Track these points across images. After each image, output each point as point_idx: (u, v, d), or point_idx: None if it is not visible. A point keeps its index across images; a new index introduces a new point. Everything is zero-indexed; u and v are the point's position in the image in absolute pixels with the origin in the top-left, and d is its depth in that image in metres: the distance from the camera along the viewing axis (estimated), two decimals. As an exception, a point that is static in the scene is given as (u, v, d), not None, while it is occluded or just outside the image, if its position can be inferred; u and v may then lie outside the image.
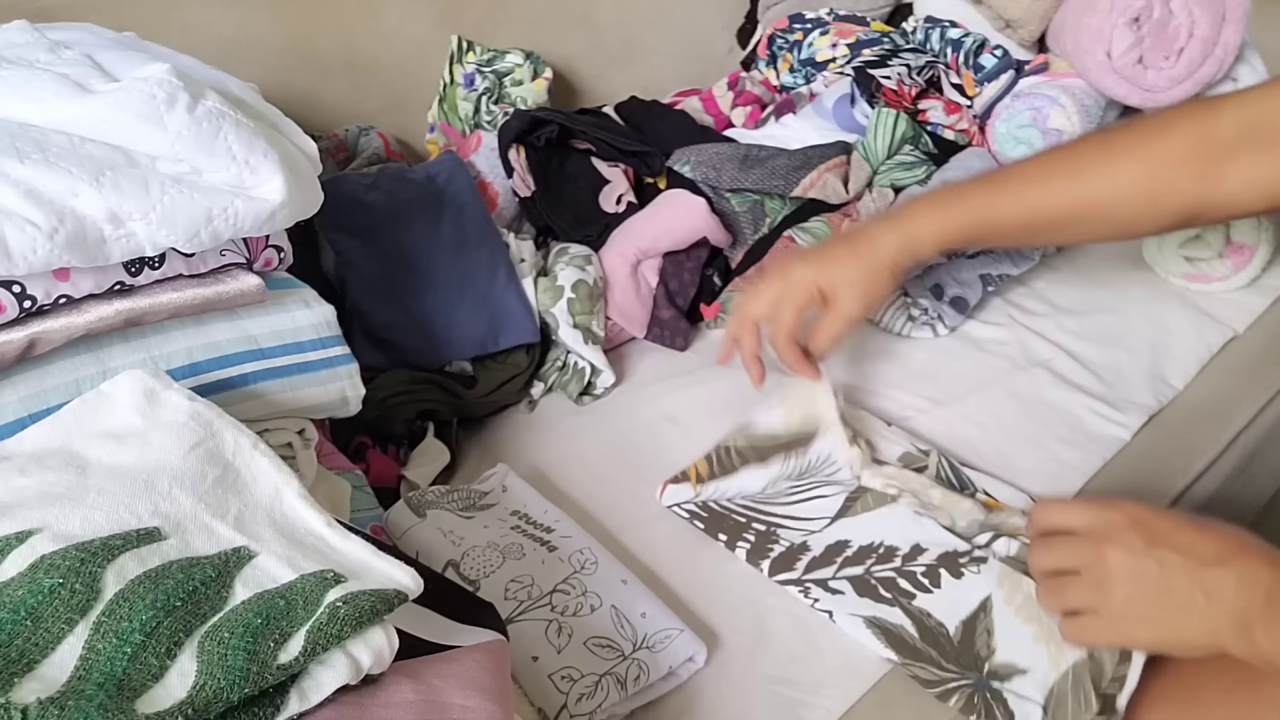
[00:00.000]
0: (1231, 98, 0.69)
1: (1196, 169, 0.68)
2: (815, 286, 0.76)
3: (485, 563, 0.69)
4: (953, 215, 0.75)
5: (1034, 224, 0.74)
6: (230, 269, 0.62)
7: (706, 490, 0.78)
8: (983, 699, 0.61)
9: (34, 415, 0.52)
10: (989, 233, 0.76)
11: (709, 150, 1.05)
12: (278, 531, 0.46)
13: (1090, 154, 0.73)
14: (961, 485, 0.77)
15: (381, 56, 1.18)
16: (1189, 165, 0.68)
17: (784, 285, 0.77)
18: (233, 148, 0.56)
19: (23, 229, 0.49)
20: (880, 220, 0.77)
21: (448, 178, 1.00)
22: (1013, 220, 0.74)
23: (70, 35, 0.64)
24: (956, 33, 1.17)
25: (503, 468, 0.81)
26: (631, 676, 0.61)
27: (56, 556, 0.40)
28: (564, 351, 0.93)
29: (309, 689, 0.40)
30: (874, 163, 1.04)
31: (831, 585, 0.69)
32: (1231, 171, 0.67)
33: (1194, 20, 0.98)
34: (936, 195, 0.77)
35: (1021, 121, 1.04)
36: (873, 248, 0.75)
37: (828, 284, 0.75)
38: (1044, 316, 0.98)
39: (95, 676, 0.37)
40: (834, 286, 0.75)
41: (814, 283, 0.75)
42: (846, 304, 0.75)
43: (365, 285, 0.89)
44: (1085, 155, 0.73)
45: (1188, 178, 0.68)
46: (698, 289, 1.01)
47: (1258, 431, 0.86)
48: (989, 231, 0.76)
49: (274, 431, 0.64)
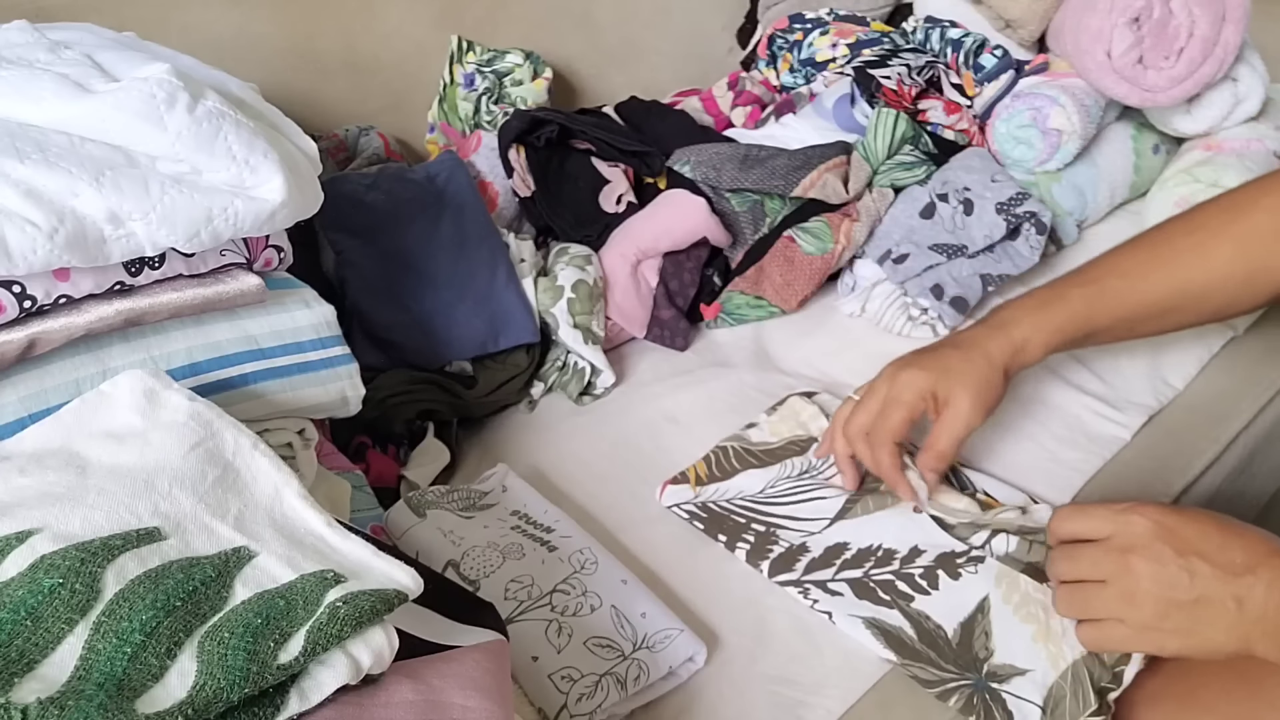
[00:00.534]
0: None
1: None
2: (930, 392, 0.72)
3: (485, 563, 0.69)
4: (1056, 321, 0.73)
5: (1135, 318, 0.73)
6: (230, 269, 0.62)
7: (706, 491, 0.78)
8: (982, 699, 0.61)
9: (34, 415, 0.52)
10: (1092, 331, 0.74)
11: (709, 150, 1.05)
12: (278, 531, 0.46)
13: (1180, 239, 0.72)
14: (961, 485, 0.77)
15: (381, 56, 1.18)
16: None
17: (892, 389, 0.73)
18: (233, 148, 0.56)
19: (23, 229, 0.49)
20: (984, 328, 0.75)
21: (448, 178, 1.00)
22: (1114, 317, 0.73)
23: (70, 35, 0.64)
24: (956, 33, 1.17)
25: (503, 468, 0.81)
26: (631, 676, 0.61)
27: (56, 556, 0.40)
28: (564, 351, 0.93)
29: (309, 689, 0.40)
30: (874, 163, 1.04)
31: (830, 587, 0.69)
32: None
33: (1194, 20, 0.98)
34: (1035, 298, 0.75)
35: (1021, 121, 1.04)
36: (985, 354, 0.72)
37: (944, 390, 0.72)
38: (1044, 316, 0.98)
39: (95, 676, 0.37)
40: (950, 391, 0.72)
41: (929, 389, 0.72)
42: (966, 407, 0.71)
43: (365, 285, 0.89)
44: (1176, 241, 0.72)
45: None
46: (698, 289, 1.01)
47: (1258, 431, 0.86)
48: (1092, 330, 0.74)
49: (274, 431, 0.64)
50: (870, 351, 0.95)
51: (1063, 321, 0.73)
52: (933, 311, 0.95)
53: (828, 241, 0.99)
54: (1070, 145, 1.03)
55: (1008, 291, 1.01)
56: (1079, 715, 0.60)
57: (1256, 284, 0.70)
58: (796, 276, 0.99)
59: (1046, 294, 0.75)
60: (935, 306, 0.95)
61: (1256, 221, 0.69)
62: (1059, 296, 0.74)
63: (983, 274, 0.97)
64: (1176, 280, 0.71)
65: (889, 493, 0.75)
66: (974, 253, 0.97)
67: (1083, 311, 0.73)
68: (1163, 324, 0.75)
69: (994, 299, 1.00)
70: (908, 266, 0.97)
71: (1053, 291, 0.75)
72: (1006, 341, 0.73)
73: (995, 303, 0.99)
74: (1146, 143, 1.11)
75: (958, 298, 0.95)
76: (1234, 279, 0.70)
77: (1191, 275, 0.71)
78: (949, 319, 0.95)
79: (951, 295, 0.95)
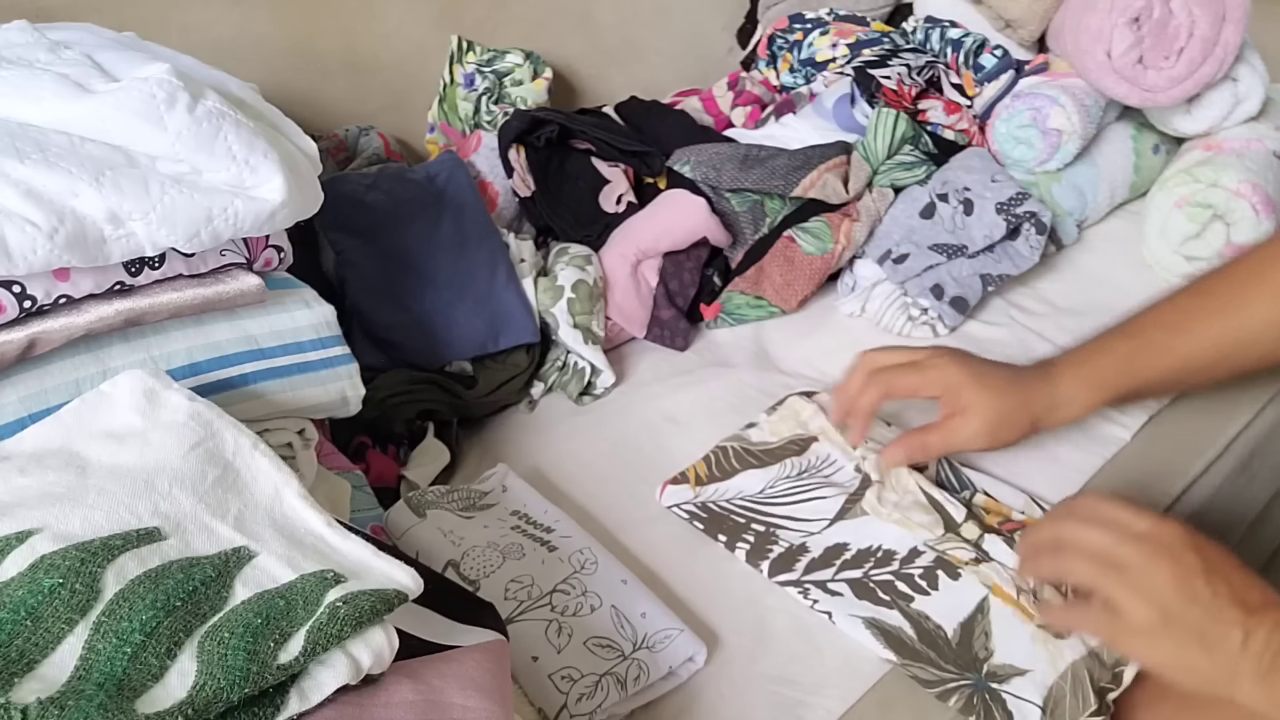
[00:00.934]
0: None
1: None
2: (955, 391, 0.72)
3: (485, 563, 0.69)
4: (1100, 377, 0.73)
5: (1181, 372, 0.73)
6: (230, 269, 0.62)
7: (706, 491, 0.78)
8: (982, 699, 0.61)
9: (34, 415, 0.52)
10: (1138, 386, 0.73)
11: (709, 150, 1.05)
12: (278, 531, 0.46)
13: (1220, 290, 0.72)
14: (961, 485, 0.77)
15: (381, 56, 1.18)
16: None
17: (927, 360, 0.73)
18: (233, 148, 0.56)
19: (23, 229, 0.49)
20: (1035, 373, 0.74)
21: (448, 178, 1.00)
22: (1160, 370, 0.73)
23: (70, 35, 0.64)
24: (956, 33, 1.17)
25: (503, 468, 0.81)
26: (631, 676, 0.61)
27: (56, 556, 0.40)
28: (564, 351, 0.93)
29: (309, 689, 0.40)
30: (874, 163, 1.04)
31: (830, 587, 0.69)
32: None
33: (1194, 20, 0.98)
34: (1082, 352, 0.74)
35: (1021, 121, 1.04)
36: (1025, 395, 0.72)
37: (968, 400, 0.71)
38: (1044, 316, 0.98)
39: (95, 676, 0.37)
40: (972, 405, 0.71)
41: (956, 386, 0.72)
42: (975, 429, 0.71)
43: (365, 285, 0.89)
44: (1216, 292, 0.72)
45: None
46: (698, 289, 1.01)
47: (1258, 431, 0.86)
48: (1138, 384, 0.73)
49: (274, 431, 0.64)
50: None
51: (1106, 377, 0.73)
52: (933, 311, 0.95)
53: (828, 241, 0.99)
54: (1070, 145, 1.03)
55: (1007, 291, 1.01)
56: (1079, 715, 0.60)
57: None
58: (796, 276, 0.99)
59: (1090, 349, 0.74)
60: (935, 306, 0.95)
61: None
62: (1102, 351, 0.73)
63: (983, 274, 0.97)
64: (1217, 333, 0.71)
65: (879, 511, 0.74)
66: (974, 253, 0.97)
67: (1126, 367, 0.72)
68: (1209, 376, 0.74)
69: (994, 298, 1.00)
70: (908, 266, 0.97)
71: (1096, 347, 0.74)
72: (1049, 393, 0.73)
73: (995, 303, 1.00)
74: (1146, 143, 1.11)
75: (958, 298, 0.95)
76: (1273, 328, 0.69)
77: (1232, 327, 0.70)
78: (949, 319, 0.95)
79: (951, 295, 0.95)
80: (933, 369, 0.73)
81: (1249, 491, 0.92)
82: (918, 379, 0.73)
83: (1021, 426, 0.72)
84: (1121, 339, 0.74)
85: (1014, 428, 0.72)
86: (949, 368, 0.73)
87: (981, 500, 0.76)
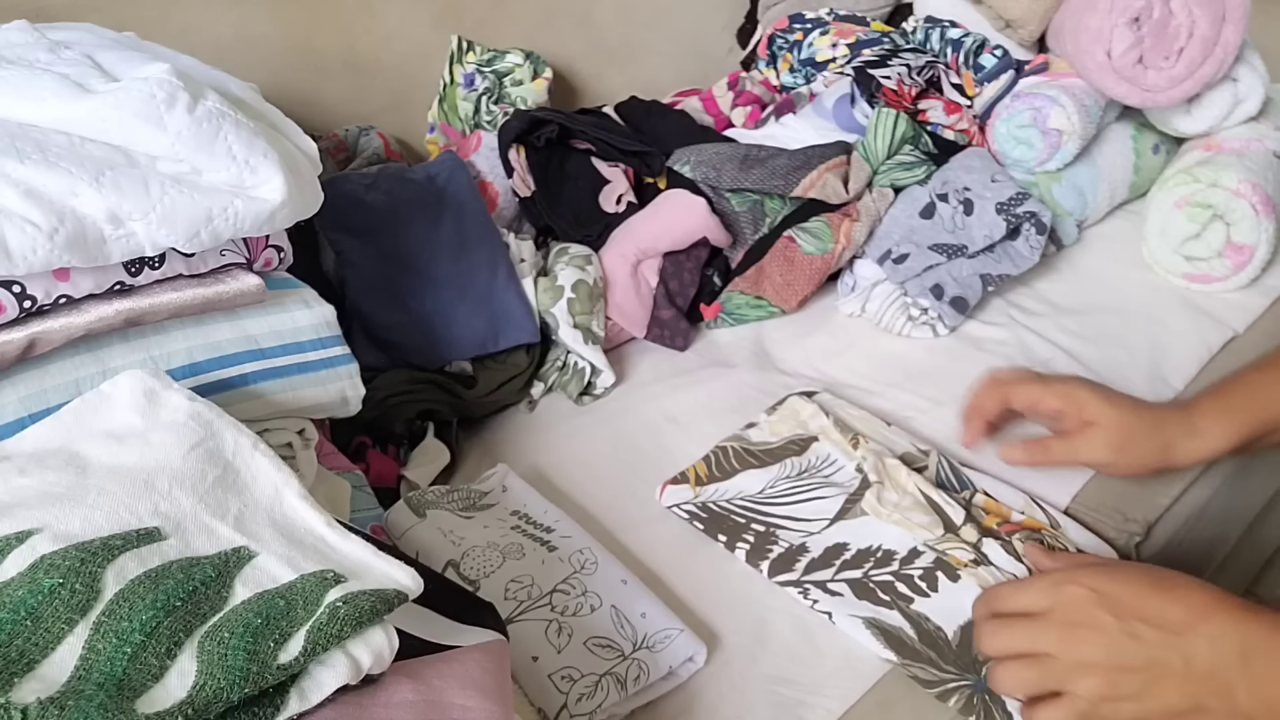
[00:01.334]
0: None
1: None
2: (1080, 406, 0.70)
3: (485, 563, 0.69)
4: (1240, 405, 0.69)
5: None
6: (230, 269, 0.62)
7: (706, 491, 0.78)
8: (982, 700, 0.61)
9: (34, 415, 0.52)
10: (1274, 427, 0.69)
11: (709, 150, 1.05)
12: (278, 531, 0.46)
13: None
14: (961, 485, 0.77)
15: (381, 56, 1.18)
16: None
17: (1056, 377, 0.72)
18: (233, 148, 0.56)
19: (23, 229, 0.49)
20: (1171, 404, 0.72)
21: (448, 178, 1.00)
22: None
23: (70, 35, 0.64)
24: (956, 33, 1.17)
25: (503, 468, 0.81)
26: (631, 676, 0.61)
27: (56, 556, 0.40)
28: (564, 351, 0.93)
29: (309, 689, 0.40)
30: (874, 163, 1.04)
31: (830, 587, 0.69)
32: None
33: (1194, 20, 0.98)
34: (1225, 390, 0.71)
35: (1021, 121, 1.04)
36: (1158, 420, 0.70)
37: (1094, 413, 0.69)
38: (1044, 316, 0.98)
39: (95, 676, 0.37)
40: (1098, 419, 0.69)
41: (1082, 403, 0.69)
42: (1101, 442, 0.69)
43: (365, 285, 0.89)
44: None
45: None
46: (698, 289, 1.01)
47: (1258, 431, 0.86)
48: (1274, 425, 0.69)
49: (274, 431, 0.64)
50: (870, 351, 0.95)
51: (1244, 404, 0.69)
52: (933, 311, 0.95)
53: (828, 241, 0.99)
54: (1070, 145, 1.03)
55: (1007, 291, 1.01)
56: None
57: None
58: (796, 276, 0.99)
59: (1229, 379, 0.71)
60: (935, 306, 0.95)
61: None
62: (1239, 381, 0.71)
63: (983, 274, 0.97)
64: None
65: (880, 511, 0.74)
66: (974, 253, 0.97)
67: (1264, 399, 0.69)
68: None
69: (994, 299, 1.00)
70: (908, 266, 0.97)
71: (1234, 377, 0.71)
72: (1184, 422, 0.69)
73: (995, 303, 1.00)
74: (1146, 143, 1.11)
75: (958, 298, 0.95)
76: None
77: None
78: (949, 319, 0.95)
79: (951, 295, 0.95)
80: (1059, 382, 0.72)
81: (1248, 492, 0.92)
82: (1041, 389, 0.71)
83: (1151, 451, 0.69)
84: (1258, 370, 0.70)
85: (1142, 450, 0.69)
86: (1075, 383, 0.71)
87: (981, 500, 0.76)
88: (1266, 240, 0.97)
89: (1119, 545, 0.75)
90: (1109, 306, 0.98)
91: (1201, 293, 0.99)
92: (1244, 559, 1.14)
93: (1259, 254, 0.97)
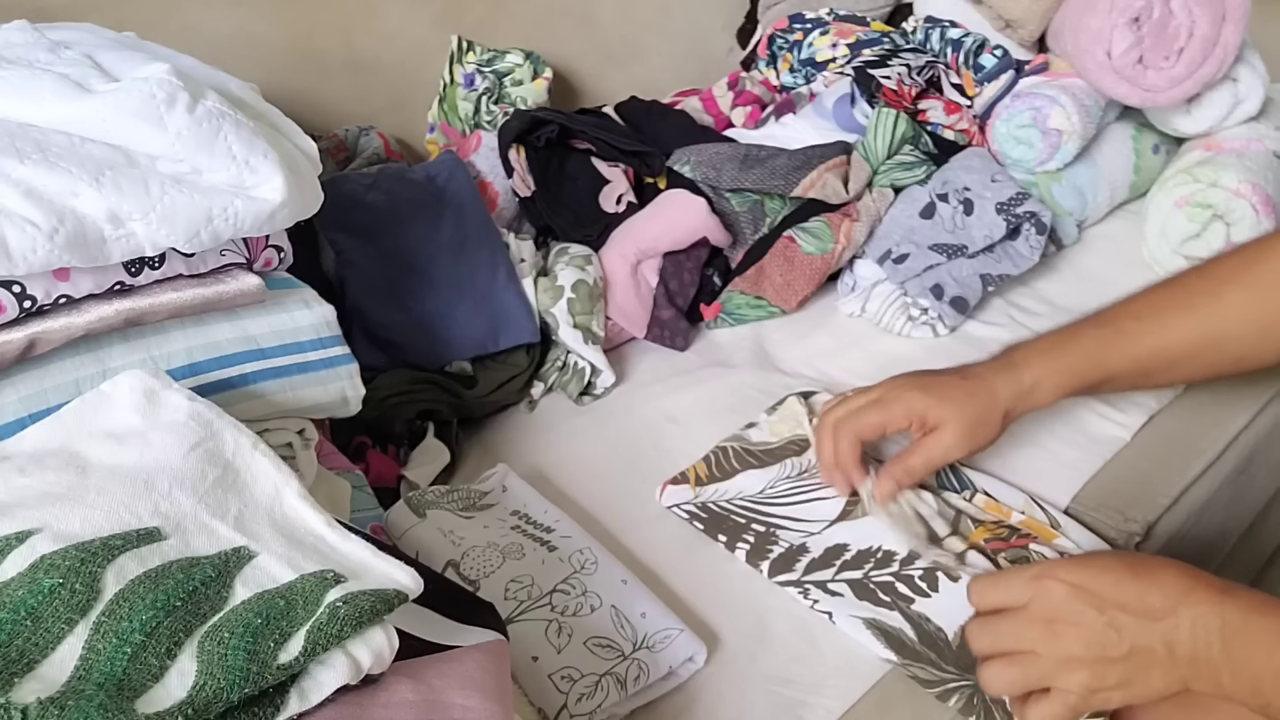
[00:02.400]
0: None
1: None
2: (921, 415, 0.72)
3: (485, 563, 0.69)
4: (1068, 363, 0.72)
5: (1151, 364, 0.72)
6: (230, 269, 0.62)
7: (706, 492, 0.78)
8: (982, 700, 0.61)
9: (34, 415, 0.52)
10: (1107, 375, 0.72)
11: (709, 150, 1.05)
12: (278, 531, 0.46)
13: (1197, 284, 0.71)
14: (961, 485, 0.77)
15: (381, 56, 1.18)
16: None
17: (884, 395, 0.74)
18: (233, 148, 0.56)
19: (23, 229, 0.49)
20: (995, 365, 0.74)
21: (448, 178, 1.00)
22: (1130, 360, 0.72)
23: (70, 35, 0.64)
24: (956, 33, 1.17)
25: (503, 468, 0.81)
26: (631, 676, 0.61)
27: (56, 556, 0.40)
28: (564, 351, 0.93)
29: (309, 689, 0.40)
30: (874, 163, 1.04)
31: (831, 587, 0.69)
32: None
33: (1194, 20, 0.98)
34: (1049, 340, 0.74)
35: (1021, 121, 1.04)
36: (990, 391, 0.72)
37: (936, 416, 0.72)
38: (1044, 316, 0.98)
39: (95, 676, 0.37)
40: (942, 419, 0.71)
41: (920, 411, 0.72)
42: (951, 438, 0.71)
43: (365, 285, 0.89)
44: (1192, 286, 0.71)
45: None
46: (698, 289, 1.01)
47: (1258, 431, 0.86)
48: (1107, 374, 0.72)
49: (274, 431, 0.64)
50: (870, 351, 0.95)
51: (1075, 363, 0.72)
52: (933, 311, 0.95)
53: (828, 241, 0.99)
54: (1070, 145, 1.03)
55: (1007, 291, 1.01)
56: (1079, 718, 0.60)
57: (1273, 334, 0.68)
58: (796, 276, 0.99)
59: (1060, 336, 0.74)
60: (935, 306, 0.95)
61: (1274, 268, 0.67)
62: (1072, 338, 0.73)
63: (983, 274, 0.97)
64: (1192, 326, 0.70)
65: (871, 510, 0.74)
66: (974, 253, 0.97)
67: (1096, 353, 0.72)
68: (1180, 373, 0.74)
69: (994, 299, 1.00)
70: (908, 266, 0.97)
71: (1066, 333, 0.74)
72: (1014, 382, 0.72)
73: (995, 303, 1.00)
74: (1146, 143, 1.11)
75: (958, 298, 0.95)
76: (1250, 326, 0.69)
77: (1207, 321, 0.70)
78: (949, 319, 0.95)
79: (951, 295, 0.95)
80: (894, 401, 0.73)
81: (1249, 492, 0.92)
82: (881, 415, 0.73)
83: (995, 423, 0.72)
84: (1092, 327, 0.73)
85: (989, 425, 0.72)
86: (908, 394, 0.73)
87: (981, 501, 0.76)
88: (1266, 240, 0.97)
89: (1119, 545, 0.75)
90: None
91: (1201, 293, 0.99)
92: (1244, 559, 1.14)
93: (1259, 254, 0.97)
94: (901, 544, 0.71)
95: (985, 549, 0.71)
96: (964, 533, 0.73)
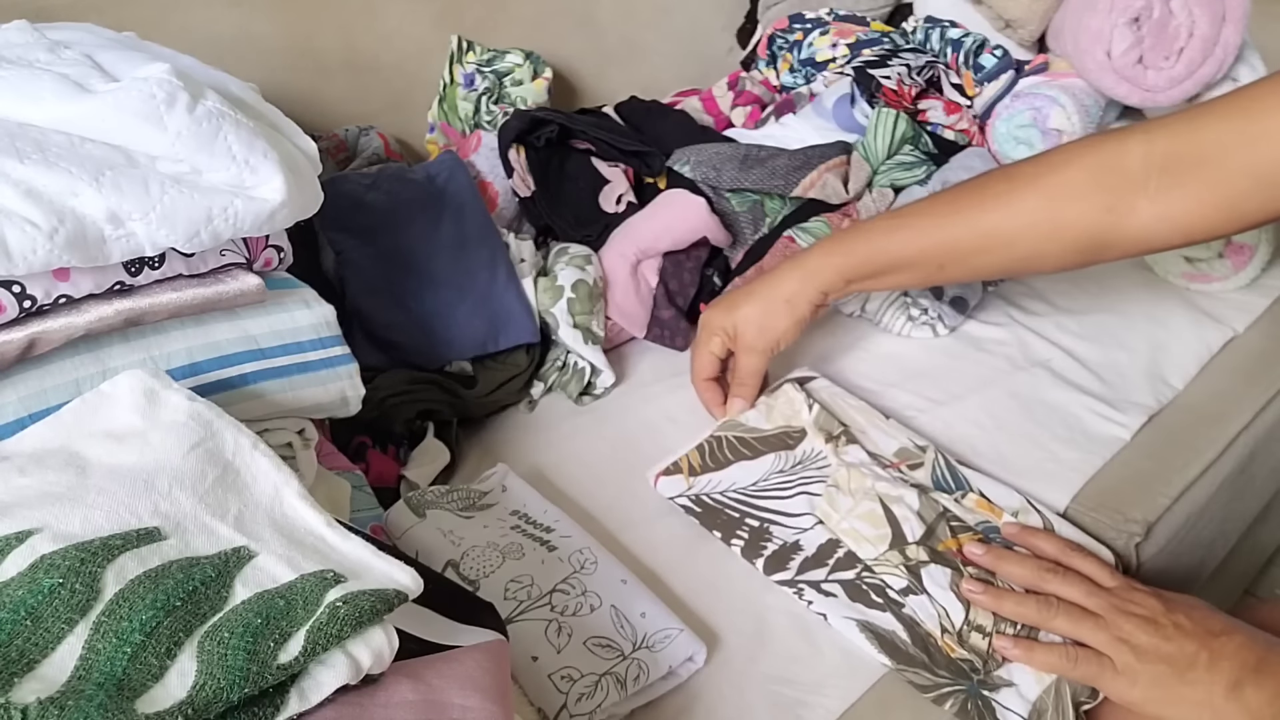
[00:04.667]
0: (1139, 130, 0.68)
1: (1101, 200, 0.68)
2: (722, 329, 0.81)
3: (485, 563, 0.69)
4: (855, 248, 0.78)
5: (940, 256, 0.76)
6: (230, 269, 0.62)
7: (699, 483, 0.77)
8: (975, 705, 0.61)
9: (34, 415, 0.52)
10: (894, 263, 0.78)
11: (709, 150, 1.05)
12: (278, 531, 0.46)
13: (993, 186, 0.74)
14: (957, 485, 0.77)
15: (381, 56, 1.18)
16: (1092, 197, 0.69)
17: (699, 333, 0.83)
18: (233, 148, 0.56)
19: (23, 229, 0.49)
20: (788, 260, 0.82)
21: (448, 178, 1.00)
22: (917, 251, 0.76)
23: (70, 35, 0.64)
24: (956, 33, 1.17)
25: (503, 468, 0.81)
26: (631, 676, 0.61)
27: (56, 556, 0.40)
28: (564, 351, 0.93)
29: (309, 689, 0.40)
30: (874, 163, 1.04)
31: (825, 588, 0.69)
32: (1142, 205, 0.67)
33: (1194, 20, 0.98)
34: (843, 232, 0.82)
35: (1021, 121, 1.04)
36: (771, 284, 0.80)
37: (731, 325, 0.81)
38: (1044, 316, 0.98)
39: (95, 676, 0.37)
40: (736, 325, 0.81)
41: (720, 326, 0.81)
42: (748, 339, 0.80)
43: (365, 285, 0.89)
44: (989, 188, 0.75)
45: (1092, 209, 0.69)
46: (698, 289, 1.01)
47: (1258, 431, 0.86)
48: (894, 262, 0.77)
49: (274, 431, 0.64)
50: (870, 351, 0.95)
51: (860, 249, 0.78)
52: (932, 311, 0.95)
53: (828, 241, 0.99)
54: (1070, 145, 1.03)
55: (1007, 291, 1.01)
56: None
57: (1061, 237, 0.71)
58: (796, 276, 0.99)
59: (856, 227, 0.81)
60: (935, 306, 0.95)
61: (1069, 177, 0.70)
62: (865, 229, 0.79)
63: (983, 274, 0.97)
64: (982, 223, 0.74)
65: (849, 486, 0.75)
66: (974, 253, 0.97)
67: (879, 241, 0.77)
68: (969, 266, 0.77)
69: (994, 299, 1.00)
70: (908, 266, 0.97)
71: (862, 225, 0.80)
72: (799, 270, 0.79)
73: (995, 303, 1.00)
74: (1146, 143, 1.11)
75: (958, 298, 0.95)
76: (1038, 228, 0.71)
77: (997, 220, 0.73)
78: (949, 319, 0.95)
79: (951, 295, 0.95)
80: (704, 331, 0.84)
81: (1249, 492, 0.92)
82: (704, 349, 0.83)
83: (779, 312, 0.80)
84: (884, 219, 0.79)
85: (774, 315, 0.80)
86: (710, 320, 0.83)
87: (973, 500, 0.75)
88: (1266, 241, 0.97)
89: (1118, 545, 0.75)
90: (1109, 306, 0.98)
91: (1201, 293, 0.99)
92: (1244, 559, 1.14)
93: (1259, 254, 0.97)
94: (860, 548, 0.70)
95: (955, 560, 0.69)
96: (940, 537, 0.71)
